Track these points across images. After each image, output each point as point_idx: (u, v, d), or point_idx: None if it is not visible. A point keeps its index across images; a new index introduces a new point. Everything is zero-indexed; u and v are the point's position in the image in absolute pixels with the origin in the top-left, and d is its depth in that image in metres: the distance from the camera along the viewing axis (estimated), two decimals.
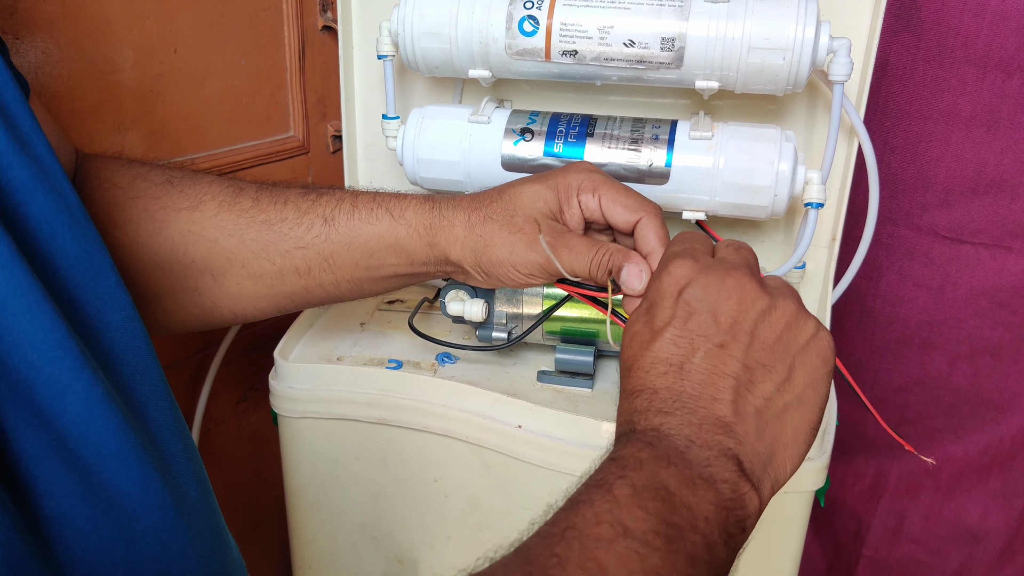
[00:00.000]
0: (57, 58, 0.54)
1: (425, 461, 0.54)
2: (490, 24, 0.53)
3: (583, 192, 0.45)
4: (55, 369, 0.28)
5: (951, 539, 0.80)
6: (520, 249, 0.44)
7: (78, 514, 0.28)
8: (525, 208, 0.45)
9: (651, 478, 0.30)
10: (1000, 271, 0.70)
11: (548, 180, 0.46)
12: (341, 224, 0.46)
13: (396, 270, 0.47)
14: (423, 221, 0.46)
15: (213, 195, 0.46)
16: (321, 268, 0.47)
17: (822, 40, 0.49)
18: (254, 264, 0.46)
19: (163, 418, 0.33)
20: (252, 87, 0.69)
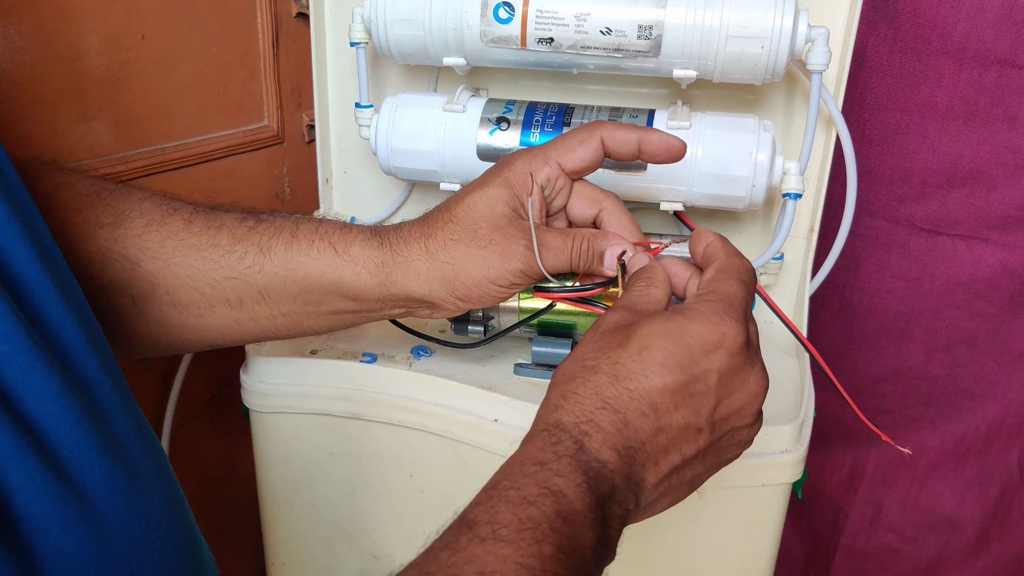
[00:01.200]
0: (19, 44, 0.52)
1: (400, 456, 0.53)
2: (464, 11, 0.52)
3: (538, 171, 0.42)
4: (8, 361, 0.27)
5: (928, 527, 0.80)
6: (496, 262, 0.41)
7: (50, 512, 0.27)
8: (485, 218, 0.41)
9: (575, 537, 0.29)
10: (976, 262, 0.70)
11: (496, 178, 0.42)
12: (278, 255, 0.42)
13: (341, 307, 0.43)
14: (372, 259, 0.42)
15: (141, 213, 0.42)
16: (254, 300, 0.43)
17: (800, 29, 0.49)
18: (180, 292, 0.42)
19: (122, 414, 0.32)
20: (224, 75, 0.68)
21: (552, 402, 0.34)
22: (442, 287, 0.42)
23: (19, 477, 0.26)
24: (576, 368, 0.35)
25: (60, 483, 0.27)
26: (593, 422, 0.32)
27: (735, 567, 0.52)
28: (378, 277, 0.42)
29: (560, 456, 0.31)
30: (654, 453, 0.33)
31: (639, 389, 0.33)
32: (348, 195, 0.68)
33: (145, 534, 0.30)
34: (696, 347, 0.34)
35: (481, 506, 0.30)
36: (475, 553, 0.28)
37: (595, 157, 0.42)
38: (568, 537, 0.29)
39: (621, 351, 0.34)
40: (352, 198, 0.68)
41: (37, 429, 0.27)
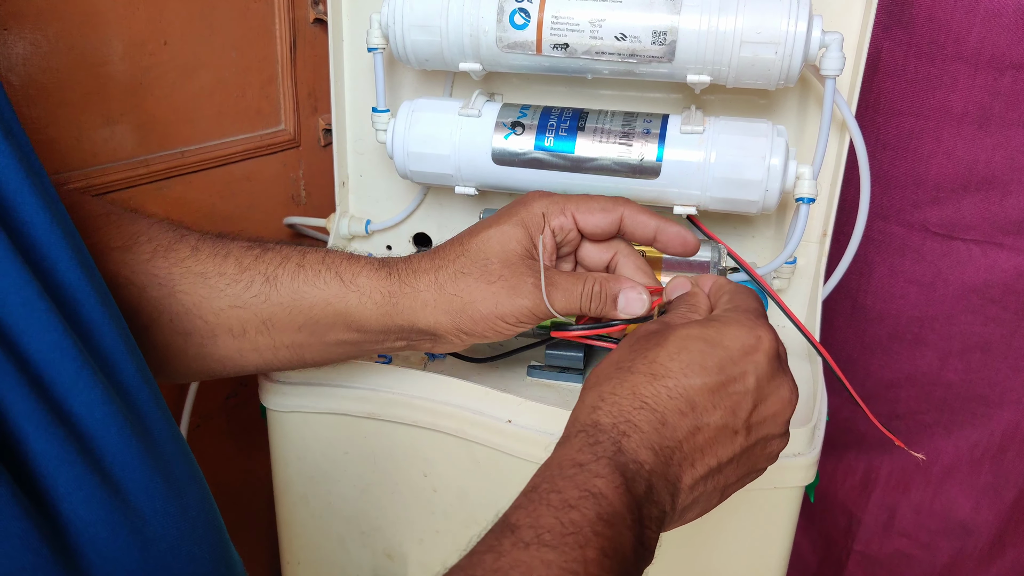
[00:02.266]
0: (46, 50, 0.53)
1: (414, 456, 0.54)
2: (481, 17, 0.52)
3: (552, 217, 0.42)
4: (57, 368, 0.27)
5: (942, 533, 0.80)
6: (504, 299, 0.40)
7: (97, 518, 0.27)
8: (497, 254, 0.41)
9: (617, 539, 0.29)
10: (991, 267, 0.70)
11: (511, 217, 0.42)
12: (283, 284, 0.42)
13: (345, 338, 0.43)
14: (379, 288, 0.42)
15: (150, 238, 0.42)
16: (258, 331, 0.42)
17: (814, 34, 0.49)
18: (184, 320, 0.41)
19: (159, 421, 0.33)
20: (243, 80, 0.69)
21: (589, 403, 0.34)
22: (448, 319, 0.41)
23: (68, 483, 0.27)
24: (612, 370, 0.35)
25: (106, 489, 0.28)
26: (631, 422, 0.33)
27: (747, 570, 0.52)
28: (384, 307, 0.42)
29: (599, 457, 0.31)
30: (691, 453, 0.33)
31: (677, 387, 0.33)
32: (364, 198, 0.69)
33: (183, 538, 0.31)
34: (734, 349, 0.34)
35: (522, 509, 0.30)
36: (520, 558, 0.28)
37: (611, 229, 0.43)
38: (610, 540, 0.29)
39: (659, 350, 0.35)
40: (368, 201, 0.69)
41: (84, 435, 0.28)
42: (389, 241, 0.69)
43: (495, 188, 0.58)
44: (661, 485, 0.32)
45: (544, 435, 0.50)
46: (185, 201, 0.66)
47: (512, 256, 0.41)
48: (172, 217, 0.64)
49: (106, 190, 0.58)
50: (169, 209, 0.64)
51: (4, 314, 0.26)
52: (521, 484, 0.53)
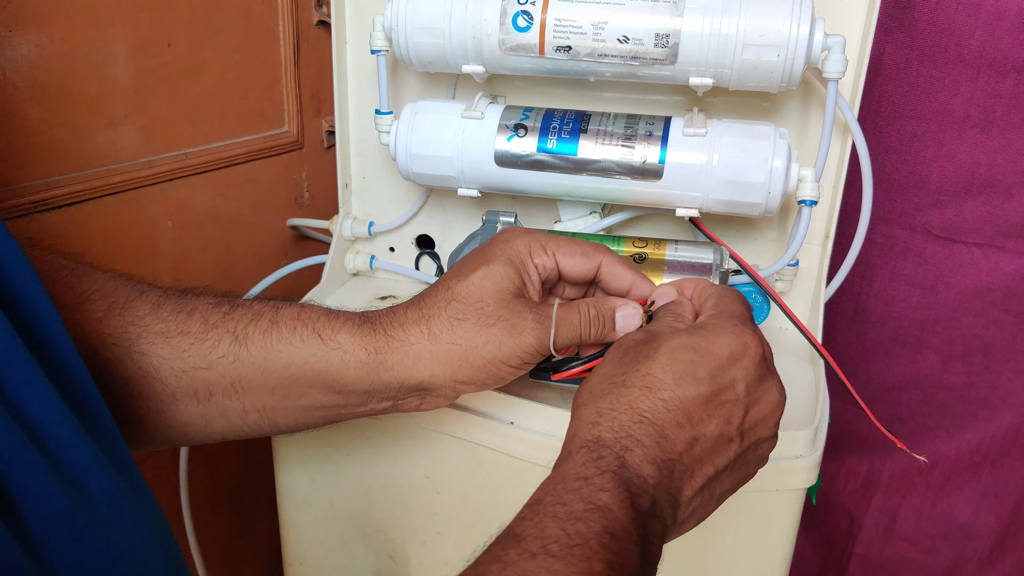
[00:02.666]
0: (50, 52, 0.53)
1: (417, 458, 0.54)
2: (484, 19, 0.53)
3: (536, 255, 0.42)
4: (10, 371, 0.27)
5: (943, 537, 0.80)
6: (507, 341, 0.39)
7: (60, 516, 0.27)
8: (492, 295, 0.40)
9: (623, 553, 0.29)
10: (993, 271, 0.70)
11: (498, 257, 0.41)
12: (255, 344, 0.39)
13: (323, 401, 0.40)
14: (363, 345, 0.39)
15: (104, 295, 0.38)
16: (226, 394, 0.39)
17: (816, 37, 0.49)
18: (140, 384, 0.38)
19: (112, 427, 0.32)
20: (246, 82, 0.69)
21: (587, 420, 0.34)
22: (444, 370, 0.39)
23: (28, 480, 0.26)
24: (605, 385, 0.35)
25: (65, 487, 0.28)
26: (633, 436, 0.33)
27: (749, 572, 0.52)
28: (369, 366, 0.39)
29: (603, 471, 0.31)
30: (690, 464, 0.34)
31: (673, 399, 0.33)
32: (367, 200, 0.69)
33: (141, 539, 0.31)
34: (723, 356, 0.35)
35: (528, 521, 0.30)
36: (527, 568, 0.28)
37: (588, 275, 0.43)
38: (616, 553, 0.29)
39: (651, 363, 0.34)
40: (370, 203, 0.69)
41: (41, 435, 0.27)
42: (392, 243, 0.69)
43: (497, 190, 0.58)
44: (664, 499, 0.32)
45: (547, 437, 0.50)
46: (188, 203, 0.66)
47: (506, 296, 0.40)
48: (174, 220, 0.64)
49: (110, 192, 0.59)
50: (172, 211, 0.64)
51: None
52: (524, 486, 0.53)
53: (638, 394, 0.34)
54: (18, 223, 0.53)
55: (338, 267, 0.68)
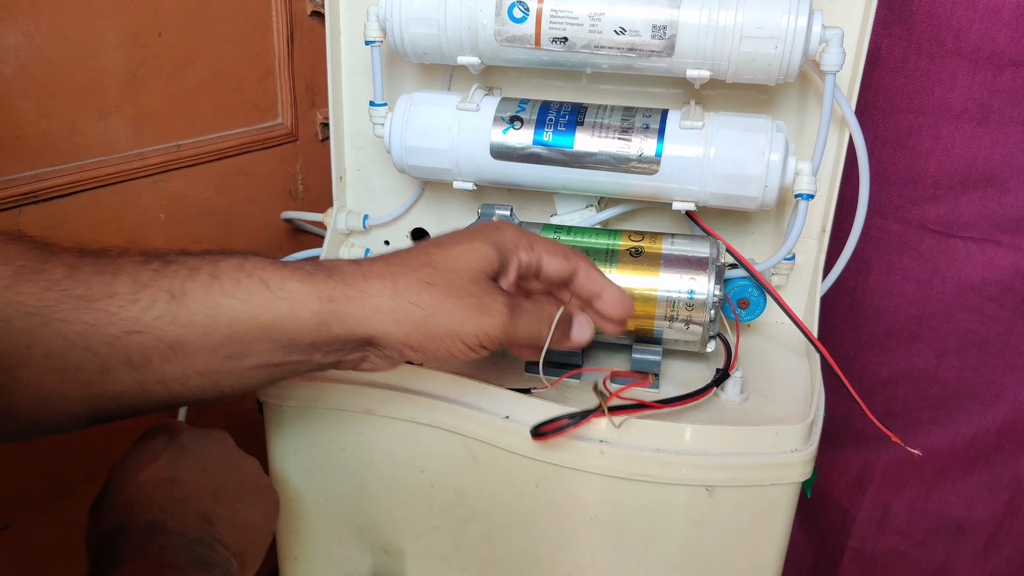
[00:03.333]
0: (38, 41, 0.53)
1: (412, 451, 0.54)
2: (479, 10, 0.52)
3: (521, 250, 0.42)
4: None
5: (936, 531, 0.80)
6: (471, 317, 0.38)
7: None
8: (468, 271, 0.39)
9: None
10: (989, 265, 0.70)
11: (483, 237, 0.40)
12: (195, 300, 0.35)
13: (268, 359, 0.37)
14: (316, 293, 0.37)
15: (9, 259, 0.34)
16: (164, 358, 0.35)
17: (814, 29, 0.49)
18: (67, 355, 0.34)
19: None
20: (239, 73, 0.68)
21: None
22: (399, 329, 0.38)
23: None
24: None
25: None
26: None
27: (744, 566, 0.52)
28: (321, 315, 0.37)
29: None
30: None
31: None
32: (362, 193, 0.68)
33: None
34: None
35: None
36: None
37: (565, 277, 0.43)
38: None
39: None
40: (365, 196, 0.68)
41: None
42: (387, 236, 0.69)
43: (493, 183, 0.58)
44: None
45: None
46: (181, 195, 0.65)
47: (481, 276, 0.39)
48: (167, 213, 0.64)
49: (100, 184, 0.58)
50: (165, 203, 0.64)
51: None
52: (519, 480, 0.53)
53: None
54: (7, 215, 0.52)
55: None
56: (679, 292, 0.51)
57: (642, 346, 0.54)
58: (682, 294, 0.51)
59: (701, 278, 0.51)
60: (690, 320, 0.52)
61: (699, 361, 0.57)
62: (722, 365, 0.54)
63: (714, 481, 0.48)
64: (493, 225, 0.42)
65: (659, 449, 0.47)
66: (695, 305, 0.51)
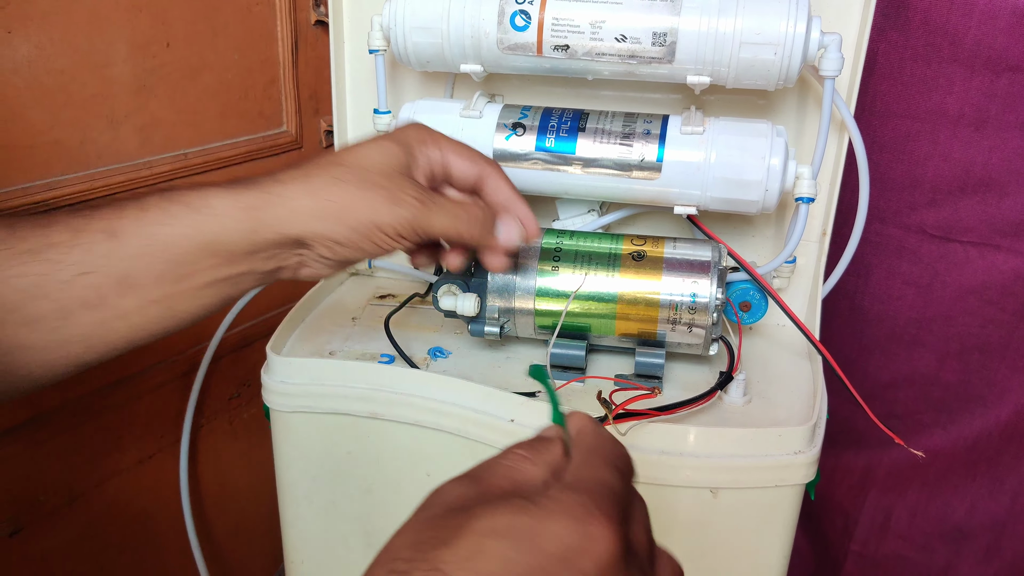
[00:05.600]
0: (50, 52, 0.54)
1: (417, 455, 0.54)
2: (482, 19, 0.53)
3: (426, 145, 0.43)
4: None
5: (938, 535, 0.80)
6: (384, 207, 0.39)
7: None
8: (377, 165, 0.40)
9: None
10: (989, 269, 0.70)
11: (390, 137, 0.42)
12: (130, 234, 0.37)
13: (213, 275, 0.39)
14: (238, 204, 0.38)
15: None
16: (117, 293, 0.37)
17: (813, 35, 0.50)
18: (27, 307, 0.36)
19: None
20: (245, 82, 0.69)
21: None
22: (321, 226, 0.39)
23: None
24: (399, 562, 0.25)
25: None
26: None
27: (748, 567, 0.53)
28: (247, 223, 0.38)
29: None
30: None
31: None
32: None
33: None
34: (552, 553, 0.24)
35: None
36: None
37: (472, 179, 0.44)
38: None
39: (445, 551, 0.24)
40: None
41: None
42: None
43: None
44: None
45: None
46: None
47: (391, 170, 0.41)
48: None
49: (110, 192, 0.59)
50: None
51: None
52: None
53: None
54: None
55: None
56: (682, 296, 0.52)
57: (645, 349, 0.54)
58: (685, 297, 0.52)
59: (703, 281, 0.52)
60: (693, 323, 0.52)
61: (702, 364, 0.58)
62: (724, 368, 0.54)
63: (718, 483, 0.49)
64: (399, 126, 0.44)
65: (663, 451, 0.48)
66: (697, 308, 0.52)
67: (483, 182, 0.44)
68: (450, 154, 0.43)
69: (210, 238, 0.38)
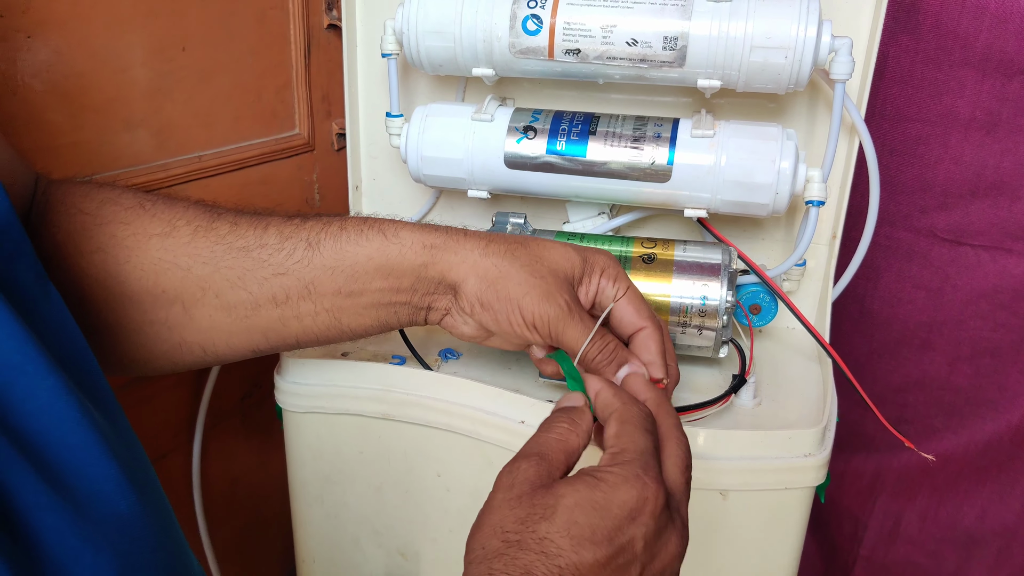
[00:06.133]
0: (68, 56, 0.54)
1: (428, 456, 0.55)
2: (494, 23, 0.53)
3: (606, 275, 0.45)
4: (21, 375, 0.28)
5: (948, 541, 0.80)
6: (535, 296, 0.42)
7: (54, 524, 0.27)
8: (552, 261, 0.43)
9: None
10: (1000, 273, 0.70)
11: (577, 249, 0.45)
12: (326, 247, 0.43)
13: (379, 298, 0.44)
14: (422, 240, 0.43)
15: (188, 220, 0.43)
16: (300, 296, 0.43)
17: (824, 39, 0.50)
18: (229, 293, 0.43)
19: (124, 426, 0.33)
20: (259, 85, 0.70)
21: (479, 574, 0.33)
22: (476, 284, 0.43)
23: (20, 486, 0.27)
24: (498, 543, 0.33)
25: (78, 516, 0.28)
26: None
27: (757, 570, 0.53)
28: (422, 257, 0.43)
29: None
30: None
31: (570, 567, 0.32)
32: (377, 202, 0.70)
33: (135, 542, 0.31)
34: (622, 516, 0.33)
35: None
36: None
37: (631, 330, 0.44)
38: None
39: (547, 524, 0.33)
40: (381, 204, 0.69)
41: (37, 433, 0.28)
42: None
43: (507, 191, 0.59)
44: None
45: None
46: None
47: (561, 272, 0.43)
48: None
49: None
50: None
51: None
52: None
53: (534, 559, 0.32)
54: None
55: None
56: (692, 298, 0.52)
57: None
58: (695, 300, 0.52)
59: (713, 284, 0.52)
60: (703, 326, 0.52)
61: (712, 366, 0.58)
62: (734, 371, 0.54)
63: (728, 485, 0.49)
64: (595, 248, 0.46)
65: None
66: (708, 311, 0.52)
67: (639, 333, 0.44)
68: (621, 293, 0.44)
69: (388, 262, 0.43)
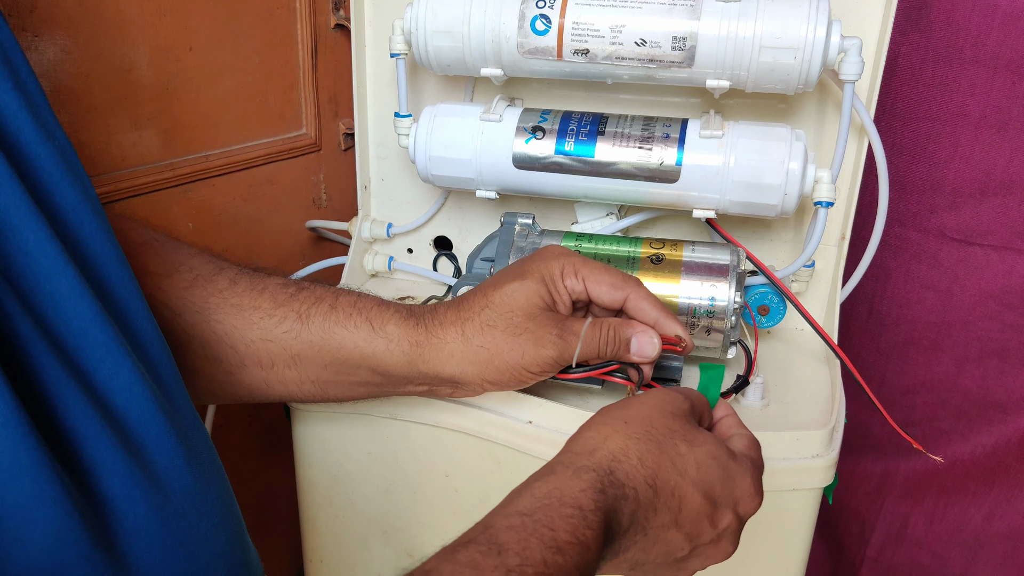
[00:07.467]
0: (75, 56, 0.54)
1: (436, 456, 0.55)
2: (502, 23, 0.53)
3: (567, 277, 0.45)
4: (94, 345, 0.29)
5: (955, 543, 0.79)
6: (530, 350, 0.43)
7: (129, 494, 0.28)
8: (522, 307, 0.44)
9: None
10: (1009, 273, 0.70)
11: (531, 273, 0.45)
12: (315, 324, 0.44)
13: (367, 380, 0.45)
14: (407, 338, 0.44)
15: (191, 268, 0.44)
16: (286, 364, 0.44)
17: (833, 39, 0.50)
18: (215, 347, 0.43)
19: (185, 404, 0.34)
20: (266, 85, 0.70)
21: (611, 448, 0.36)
22: (474, 369, 0.44)
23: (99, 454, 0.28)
24: (643, 431, 0.37)
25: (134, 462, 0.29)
26: (636, 492, 0.35)
27: (766, 571, 0.53)
28: (410, 355, 0.44)
29: (598, 508, 0.33)
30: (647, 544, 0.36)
31: (682, 491, 0.36)
32: (385, 202, 0.69)
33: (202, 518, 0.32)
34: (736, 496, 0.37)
35: (514, 533, 0.31)
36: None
37: (614, 305, 0.46)
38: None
39: (690, 448, 0.37)
40: (389, 205, 0.69)
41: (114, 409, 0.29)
42: (410, 244, 0.70)
43: (516, 192, 0.59)
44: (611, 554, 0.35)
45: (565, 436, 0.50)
46: (209, 204, 0.67)
47: (535, 310, 0.44)
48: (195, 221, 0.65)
49: (133, 193, 0.60)
50: (193, 212, 0.65)
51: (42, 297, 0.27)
52: None
53: (666, 465, 0.36)
54: None
55: (357, 269, 0.69)
56: (700, 299, 0.52)
57: (663, 351, 0.54)
58: (703, 301, 0.52)
59: (722, 285, 0.52)
60: (711, 327, 0.52)
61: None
62: (742, 371, 0.54)
63: None
64: (541, 256, 0.46)
65: None
66: (716, 312, 0.52)
67: (626, 303, 0.46)
68: (592, 284, 0.45)
69: (376, 356, 0.44)
